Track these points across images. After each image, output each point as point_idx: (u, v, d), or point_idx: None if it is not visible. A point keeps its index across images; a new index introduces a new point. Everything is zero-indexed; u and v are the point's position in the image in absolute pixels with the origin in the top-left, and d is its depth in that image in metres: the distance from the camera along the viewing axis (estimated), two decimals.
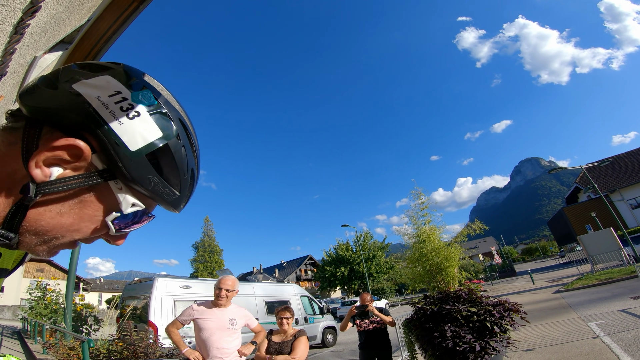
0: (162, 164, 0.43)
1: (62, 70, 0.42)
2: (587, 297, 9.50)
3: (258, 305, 8.92)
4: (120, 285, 48.27)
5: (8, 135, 0.40)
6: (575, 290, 11.55)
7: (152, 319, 6.26)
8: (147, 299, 6.68)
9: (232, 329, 2.85)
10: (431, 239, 9.53)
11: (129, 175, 0.40)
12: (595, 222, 24.13)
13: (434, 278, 9.22)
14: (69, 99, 0.39)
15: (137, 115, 0.41)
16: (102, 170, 0.41)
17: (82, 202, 0.41)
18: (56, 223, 0.40)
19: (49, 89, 0.40)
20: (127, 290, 7.95)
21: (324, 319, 11.16)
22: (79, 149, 0.38)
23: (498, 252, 37.67)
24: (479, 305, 4.29)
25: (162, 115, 0.43)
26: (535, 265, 49.52)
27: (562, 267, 27.40)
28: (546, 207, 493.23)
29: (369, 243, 38.05)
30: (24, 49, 1.49)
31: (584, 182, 30.11)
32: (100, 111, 0.39)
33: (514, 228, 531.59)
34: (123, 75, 0.43)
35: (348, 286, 38.14)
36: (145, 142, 0.41)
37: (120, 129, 0.40)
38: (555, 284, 14.94)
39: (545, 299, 11.27)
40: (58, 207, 0.40)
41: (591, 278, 12.69)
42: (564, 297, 10.74)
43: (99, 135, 0.39)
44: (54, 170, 0.38)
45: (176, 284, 7.30)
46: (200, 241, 48.48)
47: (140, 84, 0.43)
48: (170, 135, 0.43)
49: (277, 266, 64.77)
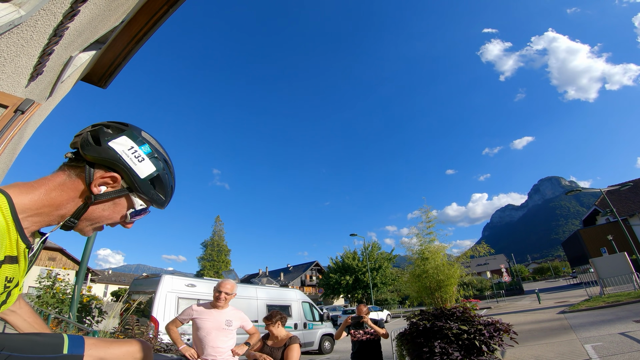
0: (156, 184, 0.85)
1: (101, 132, 0.80)
2: (590, 319, 9.34)
3: (259, 307, 9.06)
4: (127, 278, 49.26)
5: (75, 169, 0.78)
6: (580, 311, 11.34)
7: (155, 314, 6.48)
8: (153, 294, 6.90)
9: (227, 329, 3.05)
10: (435, 257, 9.53)
11: (140, 190, 0.82)
12: (611, 245, 23.69)
13: (432, 295, 9.20)
14: (108, 152, 0.78)
15: (143, 160, 0.82)
16: (126, 187, 0.81)
17: (115, 204, 0.81)
18: (100, 215, 0.80)
19: (97, 145, 0.77)
20: (135, 284, 8.22)
21: (323, 326, 11.23)
22: (115, 178, 0.78)
23: (507, 270, 36.81)
24: (471, 324, 4.33)
25: (154, 158, 0.84)
26: (546, 284, 48.20)
27: (572, 288, 27.05)
28: (563, 228, 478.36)
29: (377, 253, 37.81)
30: (62, 49, 1.71)
31: (603, 204, 29.30)
32: (124, 158, 0.79)
33: (527, 247, 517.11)
34: (132, 135, 0.82)
35: (352, 295, 37.94)
36: (148, 174, 0.82)
37: (135, 167, 0.80)
38: (561, 305, 14.70)
39: (548, 319, 11.10)
40: (102, 206, 0.79)
41: (598, 300, 12.48)
42: (567, 318, 10.59)
43: (124, 170, 0.79)
44: (102, 188, 0.78)
45: (182, 282, 7.49)
46: (210, 240, 49.05)
47: (142, 141, 0.84)
48: (159, 169, 0.85)
49: (283, 269, 64.85)
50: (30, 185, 0.73)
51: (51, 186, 0.74)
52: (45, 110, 2.86)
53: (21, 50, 1.39)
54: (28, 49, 1.41)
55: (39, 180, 0.75)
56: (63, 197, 0.75)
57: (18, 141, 2.68)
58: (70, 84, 2.70)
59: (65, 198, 0.75)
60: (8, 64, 1.67)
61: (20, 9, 1.08)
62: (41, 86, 2.07)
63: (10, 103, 1.90)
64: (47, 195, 0.73)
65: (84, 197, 0.77)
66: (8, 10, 1.06)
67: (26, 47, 1.39)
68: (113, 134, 0.80)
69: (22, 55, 1.44)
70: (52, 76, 1.92)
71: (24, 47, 1.38)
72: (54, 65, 1.72)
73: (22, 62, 1.60)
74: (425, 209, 11.28)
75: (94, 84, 3.29)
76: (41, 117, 2.87)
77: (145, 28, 2.08)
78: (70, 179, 0.77)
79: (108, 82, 3.28)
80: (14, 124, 1.94)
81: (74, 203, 0.76)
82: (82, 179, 0.77)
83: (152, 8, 1.81)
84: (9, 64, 1.67)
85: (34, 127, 2.94)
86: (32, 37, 1.32)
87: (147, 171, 0.82)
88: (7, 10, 1.06)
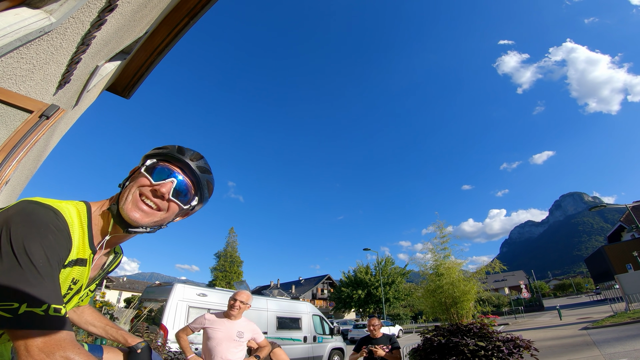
0: (206, 198, 1.01)
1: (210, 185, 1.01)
2: (614, 335, 8.84)
3: (269, 319, 8.98)
4: (141, 285, 49.78)
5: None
6: (604, 327, 10.74)
7: (165, 322, 6.49)
8: (164, 302, 6.94)
9: (238, 341, 2.99)
10: (450, 273, 9.28)
11: (203, 201, 1.00)
12: (636, 261, 22.80)
13: (448, 311, 8.91)
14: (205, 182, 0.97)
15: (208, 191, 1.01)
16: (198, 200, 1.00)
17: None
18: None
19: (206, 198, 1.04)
20: (147, 292, 8.30)
21: (333, 340, 10.98)
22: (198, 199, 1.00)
23: (527, 286, 35.37)
24: (489, 340, 4.14)
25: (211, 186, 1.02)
26: (567, 301, 46.01)
27: (596, 304, 26.06)
28: (585, 244, 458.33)
29: (390, 268, 37.16)
30: (89, 58, 1.78)
31: (628, 221, 28.17)
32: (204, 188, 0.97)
33: (548, 263, 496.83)
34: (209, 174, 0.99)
35: (363, 309, 37.15)
36: (208, 197, 1.01)
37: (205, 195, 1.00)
38: (584, 321, 14.01)
39: (569, 335, 10.54)
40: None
41: (624, 316, 11.85)
42: (590, 334, 10.03)
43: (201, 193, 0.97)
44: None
45: (193, 291, 7.51)
46: (223, 251, 49.45)
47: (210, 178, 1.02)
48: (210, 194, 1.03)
49: (294, 282, 64.27)
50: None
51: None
52: (71, 119, 2.98)
53: (50, 58, 1.47)
54: (57, 57, 1.49)
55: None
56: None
57: (43, 148, 2.79)
58: (96, 93, 2.82)
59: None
60: (37, 71, 1.76)
61: (51, 16, 1.15)
62: (68, 94, 2.17)
63: (35, 108, 1.99)
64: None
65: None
66: (39, 17, 1.12)
67: (55, 55, 1.46)
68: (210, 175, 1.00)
69: (52, 63, 1.52)
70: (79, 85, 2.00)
71: (53, 55, 1.45)
72: (81, 74, 1.79)
73: (51, 70, 1.68)
74: (439, 224, 11.05)
75: (118, 94, 3.41)
76: (67, 126, 2.99)
77: (167, 39, 2.17)
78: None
79: (131, 93, 3.40)
80: (38, 129, 2.03)
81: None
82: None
83: (174, 20, 1.89)
84: (38, 71, 1.77)
85: (59, 135, 3.06)
86: (62, 45, 1.40)
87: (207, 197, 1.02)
88: (39, 17, 1.12)
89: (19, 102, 1.92)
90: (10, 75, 1.47)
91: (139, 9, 1.76)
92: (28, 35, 1.14)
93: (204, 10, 2.84)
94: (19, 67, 1.46)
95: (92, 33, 1.35)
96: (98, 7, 1.36)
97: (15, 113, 1.95)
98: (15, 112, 1.92)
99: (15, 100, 1.90)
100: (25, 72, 1.51)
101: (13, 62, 1.38)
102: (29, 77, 1.54)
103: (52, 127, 2.32)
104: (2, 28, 1.06)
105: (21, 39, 1.15)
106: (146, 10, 1.90)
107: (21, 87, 1.74)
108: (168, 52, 2.94)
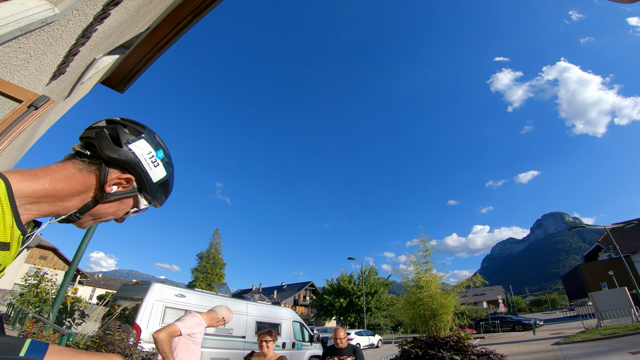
0: (163, 187, 0.88)
1: (121, 132, 0.80)
2: (584, 351, 9.18)
3: (248, 323, 8.84)
4: (116, 282, 48.21)
5: (89, 165, 0.78)
6: (575, 343, 11.15)
7: (139, 321, 6.29)
8: (140, 301, 6.74)
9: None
10: (430, 286, 9.45)
11: (150, 192, 0.85)
12: (611, 280, 23.76)
13: (427, 323, 9.04)
14: (128, 155, 0.79)
15: (157, 165, 0.85)
16: (137, 188, 0.83)
17: (122, 202, 0.82)
18: (105, 212, 0.80)
19: (117, 146, 0.78)
20: (123, 290, 8.04)
21: (312, 347, 10.90)
22: (130, 179, 0.81)
23: (504, 300, 36.10)
24: (464, 354, 4.23)
25: (167, 164, 0.88)
26: (542, 316, 47.16)
27: (569, 320, 26.92)
28: (563, 262, 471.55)
29: (373, 278, 37.34)
30: (87, 51, 1.76)
31: (606, 241, 29.26)
32: (142, 161, 0.81)
33: (526, 279, 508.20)
34: (149, 139, 0.85)
35: (344, 317, 37.07)
36: (160, 178, 0.85)
37: (150, 172, 0.83)
38: (557, 336, 14.49)
39: (541, 350, 10.88)
40: (110, 204, 0.80)
41: (595, 332, 12.31)
42: (561, 349, 10.38)
43: (140, 173, 0.81)
44: (114, 187, 0.79)
45: (171, 291, 7.32)
46: (206, 252, 48.50)
47: (157, 146, 0.86)
48: (169, 174, 0.88)
49: (276, 287, 63.53)
50: (34, 174, 0.70)
51: (57, 177, 0.72)
52: (62, 109, 2.92)
53: (48, 49, 1.46)
54: (55, 48, 1.47)
55: (43, 169, 0.72)
56: (69, 190, 0.73)
57: (30, 137, 2.73)
58: (90, 86, 2.77)
59: (72, 191, 0.74)
60: (33, 61, 1.73)
61: (56, 7, 1.14)
62: (61, 86, 2.14)
63: (25, 98, 1.95)
64: (52, 186, 0.71)
65: (94, 194, 0.76)
66: (43, 7, 1.11)
67: (54, 46, 1.45)
68: (132, 136, 0.81)
69: (49, 54, 1.50)
70: (74, 77, 1.97)
71: (51, 46, 1.44)
72: (77, 66, 1.77)
73: (48, 61, 1.66)
74: (423, 237, 11.23)
75: (112, 88, 3.36)
76: (57, 116, 2.93)
77: (169, 36, 2.16)
78: (81, 174, 0.76)
79: (126, 87, 3.35)
80: (25, 119, 1.99)
81: (80, 198, 0.75)
82: (94, 175, 0.76)
83: (177, 17, 1.88)
84: (34, 61, 1.74)
85: (47, 125, 2.99)
86: (62, 37, 1.38)
87: (160, 175, 0.85)
88: (43, 7, 1.11)
89: (9, 91, 1.88)
90: (5, 63, 1.45)
91: (144, 4, 1.76)
92: (30, 25, 1.13)
93: (208, 10, 2.85)
94: (16, 56, 1.44)
95: (94, 26, 1.34)
96: (103, 1, 1.36)
97: (4, 102, 1.91)
98: (5, 101, 1.89)
99: (5, 89, 1.86)
100: (21, 61, 1.49)
101: (10, 51, 1.36)
102: (24, 66, 1.52)
103: (40, 117, 2.28)
104: (5, 17, 1.05)
105: (22, 29, 1.14)
106: (151, 6, 1.89)
107: (14, 76, 1.71)
108: (167, 49, 2.94)
